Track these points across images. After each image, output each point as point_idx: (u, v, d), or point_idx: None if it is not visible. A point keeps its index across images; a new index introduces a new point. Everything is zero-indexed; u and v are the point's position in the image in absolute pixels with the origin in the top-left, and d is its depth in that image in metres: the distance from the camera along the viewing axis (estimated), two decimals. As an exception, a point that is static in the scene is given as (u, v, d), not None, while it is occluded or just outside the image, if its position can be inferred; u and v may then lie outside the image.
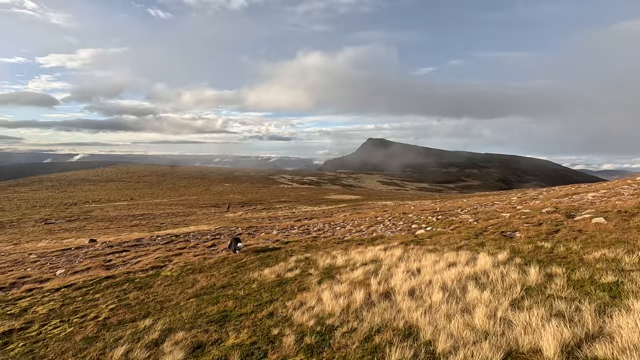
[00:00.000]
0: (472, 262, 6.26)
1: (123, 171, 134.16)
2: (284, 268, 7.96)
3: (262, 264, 8.87)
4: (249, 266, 8.83)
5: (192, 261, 10.35)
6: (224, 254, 10.97)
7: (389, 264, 6.92)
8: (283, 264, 8.52)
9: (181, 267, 9.61)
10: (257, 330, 4.65)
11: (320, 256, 8.86)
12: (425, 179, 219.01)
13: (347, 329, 4.22)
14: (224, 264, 9.47)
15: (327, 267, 7.64)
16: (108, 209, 55.57)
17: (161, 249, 14.40)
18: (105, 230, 33.15)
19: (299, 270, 7.55)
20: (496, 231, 9.49)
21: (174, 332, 4.91)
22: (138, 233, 27.25)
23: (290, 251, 10.33)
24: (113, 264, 11.92)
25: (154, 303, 6.58)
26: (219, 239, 16.50)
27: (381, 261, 7.36)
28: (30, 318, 6.36)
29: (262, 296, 6.09)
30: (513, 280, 4.94)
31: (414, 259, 7.05)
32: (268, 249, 11.03)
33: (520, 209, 13.32)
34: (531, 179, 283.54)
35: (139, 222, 39.17)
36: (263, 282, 7.08)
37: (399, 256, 7.45)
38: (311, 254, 9.43)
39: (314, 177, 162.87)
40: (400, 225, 13.74)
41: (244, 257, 10.02)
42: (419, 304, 4.60)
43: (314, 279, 6.72)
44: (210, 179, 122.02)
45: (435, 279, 5.41)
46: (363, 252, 8.55)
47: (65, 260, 13.47)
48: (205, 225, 30.19)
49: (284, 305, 5.40)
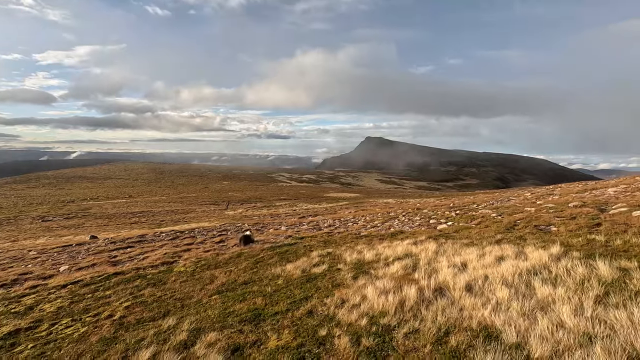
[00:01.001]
0: (521, 256, 5.74)
1: (121, 169, 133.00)
2: (308, 263, 7.42)
3: (282, 259, 8.33)
4: (268, 261, 8.27)
5: (204, 257, 9.79)
6: (237, 250, 10.42)
7: (427, 259, 6.39)
8: (305, 259, 7.98)
9: (194, 262, 9.05)
10: (300, 330, 4.11)
11: (344, 251, 8.33)
12: (423, 178, 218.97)
13: (409, 329, 3.68)
14: (240, 259, 8.91)
15: (355, 262, 7.10)
16: (106, 206, 54.79)
17: (167, 245, 13.83)
18: (105, 227, 32.49)
19: (326, 266, 7.00)
20: (528, 225, 8.99)
21: (204, 333, 4.35)
22: (139, 230, 26.61)
23: (308, 246, 9.79)
24: (119, 260, 11.34)
25: (172, 300, 6.02)
26: (226, 235, 15.94)
27: (416, 255, 6.83)
28: (38, 316, 5.78)
29: (294, 293, 5.54)
30: (583, 275, 4.42)
31: (453, 253, 6.52)
32: (284, 244, 10.48)
33: (542, 204, 12.83)
34: (528, 178, 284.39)
35: (138, 219, 38.52)
36: (289, 277, 6.54)
37: (435, 250, 6.92)
38: (332, 249, 8.89)
39: (313, 175, 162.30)
40: (418, 221, 13.23)
41: (260, 253, 9.47)
42: (483, 301, 4.07)
43: (347, 274, 6.18)
44: (209, 177, 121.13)
45: (490, 274, 4.89)
46: (391, 247, 8.02)
47: (67, 256, 12.87)
48: (206, 222, 29.59)
49: (323, 303, 4.86)
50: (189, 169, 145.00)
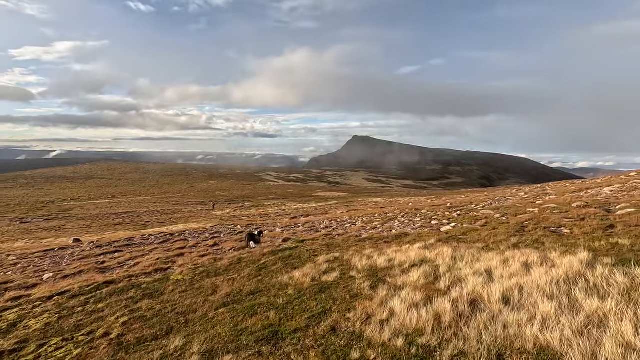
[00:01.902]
0: (547, 262, 5.44)
1: (104, 168, 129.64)
2: (316, 270, 6.98)
3: (287, 266, 7.88)
4: (272, 268, 7.81)
5: (201, 263, 9.25)
6: (236, 255, 9.90)
7: (446, 265, 6.04)
8: (312, 265, 7.55)
9: (191, 269, 8.51)
10: (327, 352, 3.68)
11: (352, 256, 7.92)
12: (410, 177, 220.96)
13: (454, 351, 3.30)
14: (241, 265, 8.41)
15: (367, 268, 6.71)
16: (88, 207, 53.14)
17: (158, 249, 13.20)
18: (87, 229, 31.32)
19: (337, 273, 6.58)
20: (538, 227, 8.78)
21: (218, 356, 3.87)
22: (124, 232, 25.67)
23: (311, 250, 9.35)
24: (108, 266, 10.69)
25: (174, 315, 5.50)
26: (220, 238, 15.37)
27: (432, 261, 6.48)
28: (23, 335, 5.18)
29: (309, 305, 5.11)
30: (626, 285, 4.13)
31: (472, 259, 6.20)
32: (285, 248, 10.01)
33: (542, 204, 12.72)
34: (512, 177, 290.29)
35: (122, 220, 37.38)
36: (299, 287, 6.09)
37: (451, 255, 6.59)
38: (339, 253, 8.48)
39: (300, 174, 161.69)
40: (419, 222, 12.95)
41: (261, 258, 8.99)
42: (528, 317, 3.73)
43: (363, 283, 5.78)
44: (195, 176, 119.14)
45: (524, 284, 4.56)
46: (401, 251, 7.66)
47: (51, 262, 12.11)
48: (194, 223, 28.80)
49: (346, 318, 4.44)
50: (174, 169, 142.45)
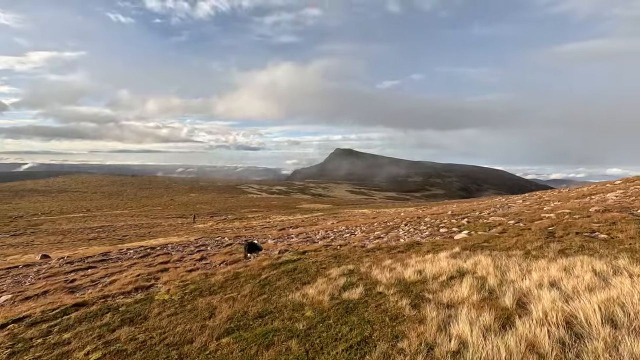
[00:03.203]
0: (622, 271, 4.54)
1: (78, 181, 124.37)
2: (332, 285, 5.87)
3: (294, 281, 6.72)
4: (277, 284, 6.64)
5: (190, 279, 7.97)
6: (230, 269, 8.66)
7: (494, 276, 5.05)
8: (324, 279, 6.43)
9: (180, 287, 7.22)
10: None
11: (369, 268, 6.86)
12: (392, 188, 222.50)
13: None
14: (239, 281, 7.19)
15: (395, 282, 5.66)
16: (60, 221, 50.16)
17: (138, 264, 11.77)
18: (58, 244, 29.12)
19: (361, 289, 5.49)
20: (568, 232, 7.96)
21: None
22: (99, 247, 23.75)
23: (317, 263, 8.22)
24: (79, 285, 9.24)
25: (164, 347, 4.26)
26: (206, 251, 14.02)
27: (472, 272, 5.49)
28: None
29: (340, 331, 4.00)
30: None
31: (520, 269, 5.24)
32: (286, 260, 8.85)
33: (553, 210, 12.05)
34: (490, 188, 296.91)
35: (97, 234, 35.15)
36: (318, 307, 4.97)
37: (493, 265, 5.62)
38: (352, 265, 7.39)
39: (283, 186, 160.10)
40: (426, 230, 12.02)
41: (261, 272, 7.79)
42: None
43: (399, 301, 4.71)
44: (175, 189, 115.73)
45: (619, 299, 3.61)
46: (426, 261, 6.65)
47: (12, 281, 10.52)
48: (175, 237, 27.11)
49: (398, 349, 3.36)
50: (153, 181, 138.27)
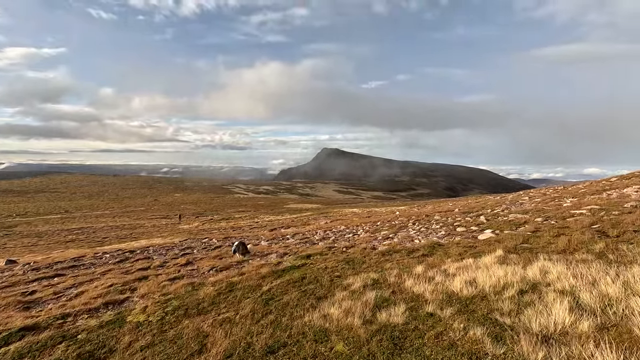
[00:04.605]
0: None
1: (56, 181, 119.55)
2: (359, 302, 4.50)
3: (305, 294, 5.32)
4: (284, 299, 5.22)
5: (173, 291, 6.49)
6: (221, 277, 7.19)
7: (589, 292, 3.77)
8: (345, 293, 5.06)
9: (160, 303, 5.74)
10: None
11: (399, 277, 5.52)
12: (379, 188, 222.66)
13: None
14: (234, 295, 5.74)
15: (445, 298, 4.32)
16: (36, 223, 47.40)
17: (114, 271, 10.19)
18: (32, 247, 27.02)
19: (402, 308, 4.14)
20: (624, 231, 6.80)
21: None
22: (75, 249, 21.83)
23: (328, 270, 6.83)
24: (37, 298, 7.63)
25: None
26: (193, 255, 12.43)
27: (546, 285, 4.21)
28: None
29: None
30: None
31: (618, 280, 3.98)
32: (290, 267, 7.44)
33: (578, 206, 10.99)
34: (475, 188, 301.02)
35: (75, 236, 33.00)
36: (350, 336, 3.60)
37: (571, 274, 4.35)
38: (375, 273, 6.02)
39: (270, 186, 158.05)
40: (440, 230, 10.77)
41: (261, 282, 6.37)
42: None
43: (468, 328, 3.37)
44: (159, 189, 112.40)
45: None
46: (468, 269, 5.35)
47: (-42, 294, 8.78)
48: (159, 238, 25.34)
49: None
50: (136, 181, 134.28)
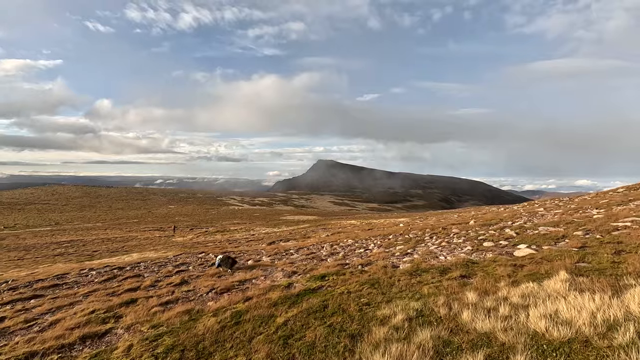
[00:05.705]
0: None
1: (48, 192, 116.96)
2: (413, 346, 3.44)
3: (334, 331, 4.23)
4: (308, 336, 4.13)
5: (165, 320, 5.37)
6: (224, 303, 6.08)
7: None
8: (384, 329, 4.00)
9: (148, 340, 4.61)
10: None
11: (448, 307, 4.46)
12: (374, 199, 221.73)
13: None
14: (243, 330, 4.63)
15: (531, 344, 3.27)
16: (25, 235, 45.54)
17: (98, 292, 9.04)
18: (18, 262, 25.43)
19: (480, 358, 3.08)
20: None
21: None
22: (63, 264, 20.41)
23: (352, 295, 5.73)
24: (4, 328, 6.50)
25: None
26: (188, 272, 11.22)
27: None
28: None
29: None
30: None
31: None
32: (304, 290, 6.33)
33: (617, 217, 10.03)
34: (469, 199, 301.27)
35: (64, 250, 31.40)
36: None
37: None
38: (415, 301, 4.95)
39: (266, 198, 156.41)
40: (465, 245, 9.72)
41: (273, 311, 5.26)
42: None
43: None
44: (153, 201, 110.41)
45: None
46: (536, 297, 4.32)
47: None
48: (152, 252, 23.99)
49: None
50: (129, 193, 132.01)
